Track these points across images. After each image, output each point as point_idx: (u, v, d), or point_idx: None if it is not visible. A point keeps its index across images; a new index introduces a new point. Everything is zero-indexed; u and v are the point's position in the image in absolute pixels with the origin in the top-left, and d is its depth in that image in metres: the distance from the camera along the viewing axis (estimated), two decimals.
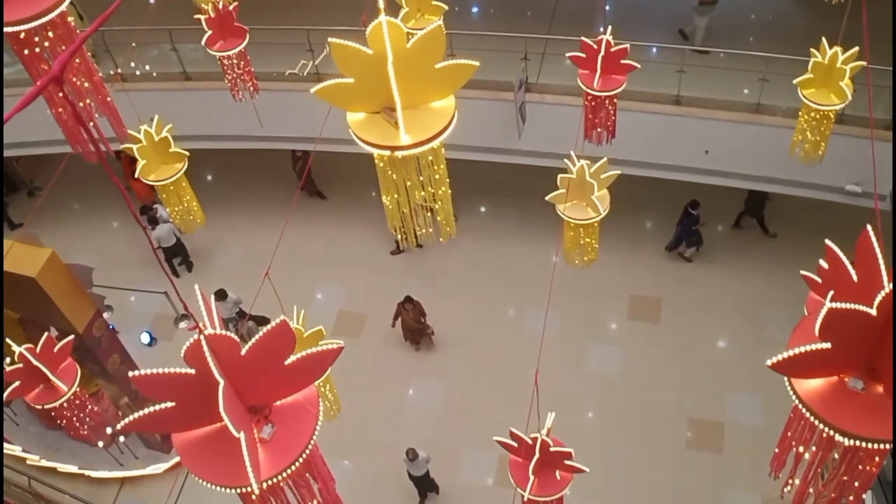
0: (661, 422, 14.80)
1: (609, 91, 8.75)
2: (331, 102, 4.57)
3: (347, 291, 17.44)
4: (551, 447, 6.47)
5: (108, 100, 5.15)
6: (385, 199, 5.36)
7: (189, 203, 9.55)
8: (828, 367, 3.94)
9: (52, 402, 8.37)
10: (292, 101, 13.65)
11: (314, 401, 3.94)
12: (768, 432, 12.65)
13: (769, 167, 14.25)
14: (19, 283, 11.13)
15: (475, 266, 17.40)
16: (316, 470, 4.18)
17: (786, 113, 13.40)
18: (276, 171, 19.20)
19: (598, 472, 13.17)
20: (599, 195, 8.63)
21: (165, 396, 3.65)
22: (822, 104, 9.07)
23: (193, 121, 15.15)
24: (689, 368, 15.48)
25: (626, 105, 10.13)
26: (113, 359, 13.05)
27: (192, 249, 17.97)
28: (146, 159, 8.71)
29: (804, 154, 9.75)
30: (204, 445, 3.83)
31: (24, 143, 16.39)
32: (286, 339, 3.72)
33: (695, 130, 14.32)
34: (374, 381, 15.61)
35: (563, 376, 15.10)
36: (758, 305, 16.07)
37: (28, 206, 19.01)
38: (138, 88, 14.41)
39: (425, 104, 4.60)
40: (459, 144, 14.42)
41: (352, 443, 14.58)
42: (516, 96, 14.21)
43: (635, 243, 17.34)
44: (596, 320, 16.39)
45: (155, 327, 16.61)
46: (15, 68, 16.40)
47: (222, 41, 9.69)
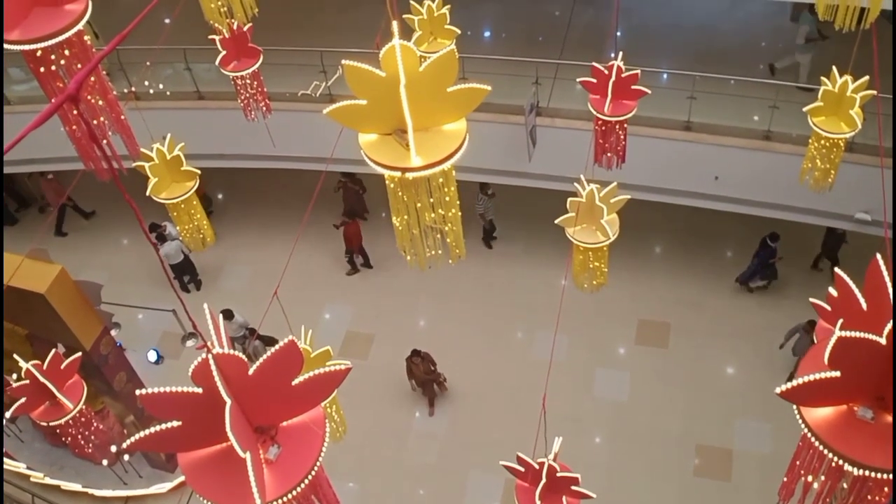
0: (668, 448, 14.70)
1: (619, 116, 8.77)
2: (343, 123, 4.59)
3: (355, 312, 17.43)
4: (558, 472, 6.43)
5: (121, 118, 5.18)
6: (395, 220, 5.37)
7: (199, 221, 9.58)
8: (837, 395, 3.91)
9: (57, 420, 8.37)
10: (304, 121, 13.70)
11: (321, 422, 3.93)
12: (777, 460, 12.57)
13: (779, 194, 14.23)
14: (28, 300, 11.15)
15: (484, 289, 17.39)
16: (321, 492, 4.16)
17: (796, 140, 13.39)
18: (286, 190, 19.27)
19: (605, 498, 13.07)
20: (609, 219, 8.62)
21: (172, 415, 3.64)
22: (832, 132, 9.06)
23: (206, 139, 15.24)
24: (697, 394, 15.39)
25: (636, 130, 10.16)
26: (119, 376, 13.05)
27: (202, 268, 18.02)
28: (158, 177, 8.74)
29: (814, 182, 9.74)
30: (209, 465, 3.81)
31: (36, 160, 16.52)
32: (294, 359, 3.71)
33: (705, 156, 14.32)
34: (381, 402, 15.57)
35: (571, 400, 15.04)
36: (766, 332, 15.98)
37: (38, 223, 19.09)
38: (152, 107, 14.49)
39: (437, 127, 4.62)
40: (470, 167, 14.46)
41: (357, 465, 14.52)
42: (527, 120, 14.25)
43: (645, 268, 17.31)
44: (604, 344, 16.34)
45: (162, 345, 16.62)
46: (30, 85, 16.60)
47: (236, 61, 9.76)
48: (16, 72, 16.25)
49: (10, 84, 16.26)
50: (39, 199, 20.35)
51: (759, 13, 17.17)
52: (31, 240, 11.20)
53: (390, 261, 17.58)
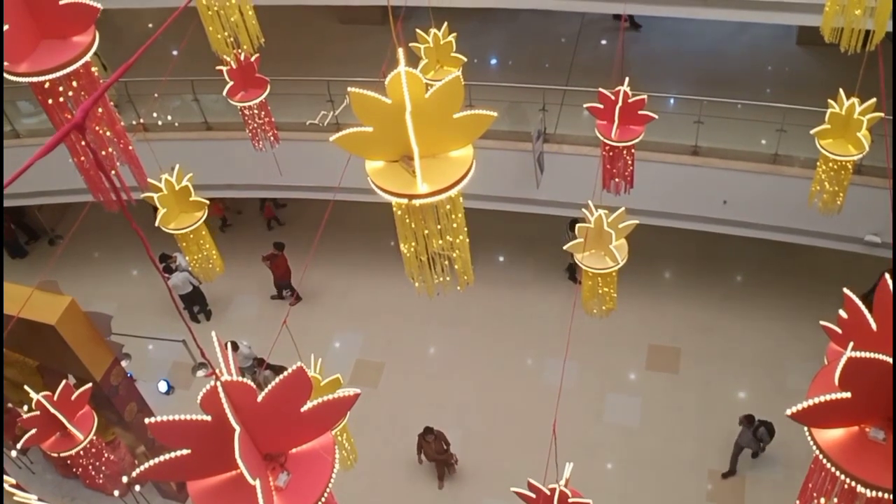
0: (680, 473, 14.58)
1: (627, 141, 8.79)
2: (350, 150, 4.62)
3: (365, 340, 17.42)
4: (570, 498, 6.39)
5: (129, 148, 5.22)
6: (403, 248, 5.38)
7: (208, 251, 9.61)
8: (848, 416, 3.88)
9: (68, 451, 8.36)
10: (312, 150, 13.79)
11: (330, 449, 3.91)
12: (790, 485, 12.45)
13: (788, 217, 14.21)
14: (38, 331, 11.19)
15: (493, 315, 17.36)
16: None
17: (804, 163, 13.39)
18: (295, 219, 19.34)
19: None
20: (617, 244, 8.63)
21: (181, 443, 3.64)
22: (840, 155, 9.06)
23: (214, 170, 15.34)
24: (708, 419, 15.29)
25: (643, 155, 10.20)
26: (130, 407, 13.05)
27: (211, 298, 18.04)
28: (166, 208, 8.79)
29: (823, 204, 9.73)
30: (220, 493, 3.80)
31: (46, 192, 16.63)
32: (302, 386, 3.70)
33: (713, 180, 14.33)
34: (392, 430, 15.50)
35: (582, 426, 14.95)
36: (778, 356, 15.91)
37: (49, 255, 19.19)
38: (160, 138, 14.62)
39: (444, 153, 4.64)
40: (478, 194, 14.49)
41: (369, 492, 14.44)
42: (534, 146, 14.30)
43: (654, 293, 17.27)
44: (615, 370, 16.27)
45: (173, 376, 16.62)
46: (38, 118, 16.73)
47: (243, 92, 9.83)
48: (25, 105, 16.40)
49: (19, 117, 16.41)
50: (49, 231, 20.48)
51: (766, 36, 17.24)
52: (41, 272, 11.23)
53: (399, 288, 17.58)
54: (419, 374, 16.60)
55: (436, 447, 14.37)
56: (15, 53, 4.58)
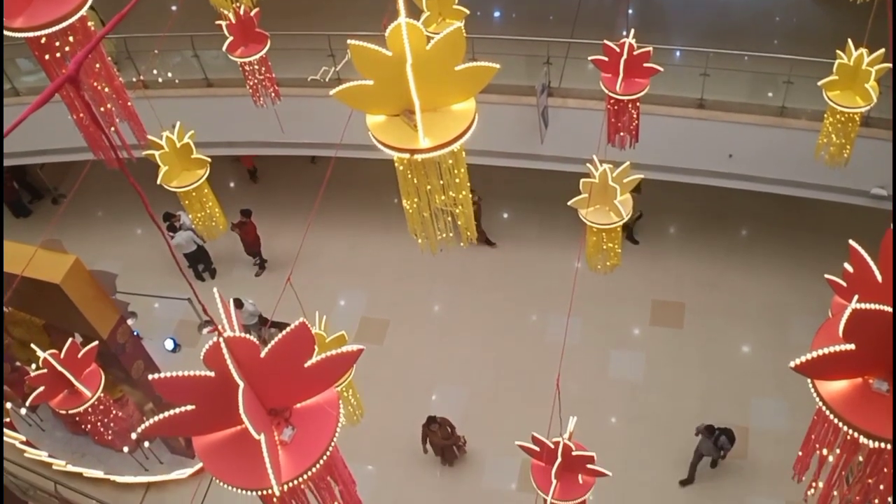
0: (684, 427, 14.64)
1: (632, 95, 8.71)
2: (350, 104, 4.57)
3: (370, 298, 17.45)
4: (573, 451, 6.43)
5: (128, 104, 5.18)
6: (405, 204, 5.35)
7: (211, 209, 9.59)
8: (852, 368, 3.88)
9: (76, 408, 8.43)
10: (313, 106, 13.68)
11: (335, 403, 3.92)
12: (793, 437, 12.53)
13: (794, 171, 14.12)
14: (43, 290, 11.21)
15: (497, 272, 17.37)
16: (337, 472, 4.17)
17: (811, 116, 13.27)
18: (297, 177, 19.28)
19: (621, 477, 13.11)
20: (622, 199, 8.59)
21: (186, 399, 3.65)
22: (848, 106, 8.97)
23: (215, 127, 15.24)
24: (712, 374, 15.35)
25: (649, 109, 10.09)
26: (137, 365, 13.12)
27: (216, 256, 18.07)
28: (168, 165, 8.75)
29: (829, 157, 9.66)
30: (225, 448, 3.82)
31: (48, 151, 16.58)
32: (305, 341, 3.70)
33: (718, 134, 14.22)
34: (397, 386, 15.60)
35: (586, 382, 15.03)
36: (782, 310, 15.92)
37: (52, 214, 19.19)
38: (160, 95, 14.51)
39: (445, 107, 4.59)
40: (481, 150, 14.41)
41: (375, 448, 14.57)
42: (538, 101, 14.17)
43: (659, 248, 17.24)
44: (618, 326, 16.30)
45: (179, 334, 16.69)
46: (37, 76, 16.62)
47: (244, 47, 9.73)
48: (24, 62, 16.28)
49: (18, 75, 16.30)
50: (52, 190, 20.46)
51: None
52: (45, 231, 11.23)
53: (403, 246, 17.56)
54: (424, 332, 16.66)
55: (441, 434, 14.18)
56: (11, 8, 4.53)
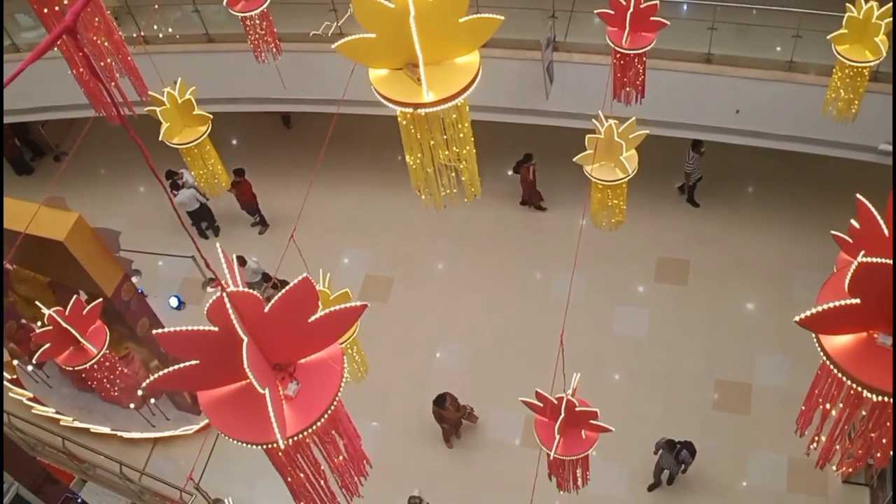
0: (688, 383, 14.75)
1: (638, 49, 8.64)
2: (352, 58, 4.52)
3: (374, 256, 17.46)
4: (577, 407, 6.46)
5: (128, 59, 5.13)
6: (409, 159, 5.31)
7: (214, 166, 9.56)
8: (856, 322, 3.87)
9: (82, 364, 8.48)
10: (315, 62, 13.57)
11: (339, 358, 3.93)
12: (796, 394, 12.59)
13: (801, 126, 14.00)
14: (47, 247, 11.21)
15: (501, 229, 17.34)
16: (341, 426, 4.20)
17: (819, 70, 13.11)
18: (300, 133, 19.18)
19: (625, 433, 13.18)
20: (628, 156, 8.53)
21: (190, 354, 3.66)
22: (857, 60, 8.88)
23: (217, 83, 15.12)
24: (716, 330, 15.38)
25: (655, 63, 10.00)
26: (142, 322, 13.17)
27: (219, 214, 18.05)
28: (170, 122, 8.70)
29: (837, 112, 9.59)
30: (230, 403, 3.84)
31: (49, 108, 16.50)
32: (308, 296, 3.70)
33: (725, 89, 14.07)
34: (401, 343, 15.66)
35: (590, 339, 15.06)
36: (787, 267, 15.89)
37: (54, 171, 19.14)
38: (161, 51, 14.38)
39: (449, 60, 4.54)
40: (485, 105, 14.28)
41: (380, 404, 14.67)
42: (543, 55, 14.02)
43: (664, 205, 17.18)
44: (623, 283, 16.30)
45: (183, 291, 16.71)
46: (38, 32, 16.45)
47: (244, 2, 9.65)
48: (23, 18, 16.12)
49: (18, 31, 16.15)
50: (54, 147, 20.38)
51: None
52: (48, 188, 11.20)
53: (407, 204, 17.53)
54: (428, 289, 16.68)
55: (453, 407, 14.02)
56: None
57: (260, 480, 13.19)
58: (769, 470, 13.68)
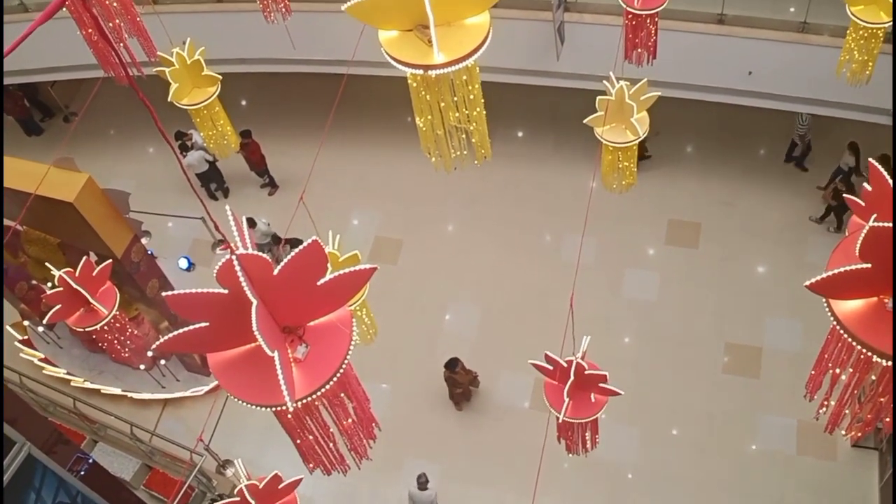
0: (698, 346, 14.77)
1: (650, 9, 8.54)
2: (362, 20, 4.47)
3: (383, 217, 17.44)
4: (586, 370, 6.47)
5: (137, 20, 5.09)
6: (419, 121, 5.28)
7: (223, 128, 9.53)
8: (867, 287, 3.85)
9: (92, 325, 8.52)
10: (325, 22, 13.45)
11: (348, 321, 3.94)
12: (806, 357, 12.62)
13: (815, 88, 13.86)
14: (57, 208, 11.23)
15: (512, 192, 17.29)
16: (350, 389, 4.21)
17: (833, 31, 12.95)
18: (310, 94, 19.07)
19: (634, 396, 13.25)
20: (639, 118, 8.47)
21: (199, 316, 3.67)
22: (871, 21, 8.76)
23: (226, 44, 15.02)
24: (727, 293, 15.36)
25: (667, 24, 9.88)
26: (152, 283, 13.22)
27: (228, 175, 18.04)
28: (179, 83, 8.66)
29: (851, 74, 9.48)
30: (239, 365, 3.86)
31: (58, 68, 16.44)
32: (318, 258, 3.70)
33: (738, 51, 13.91)
34: (411, 306, 15.71)
35: (600, 301, 15.08)
36: (799, 231, 15.84)
37: (64, 132, 19.12)
38: (170, 11, 14.29)
39: (459, 20, 4.49)
40: (496, 67, 14.17)
41: (389, 367, 14.74)
42: (554, 16, 13.87)
43: (675, 167, 17.09)
44: (633, 245, 16.27)
45: (193, 253, 16.76)
46: None
47: None
48: None
49: None
50: (63, 108, 20.35)
51: None
52: (57, 149, 11.20)
53: (417, 165, 17.46)
54: (438, 251, 16.68)
55: (464, 371, 14.03)
56: None
57: (269, 442, 13.31)
58: (779, 433, 13.75)
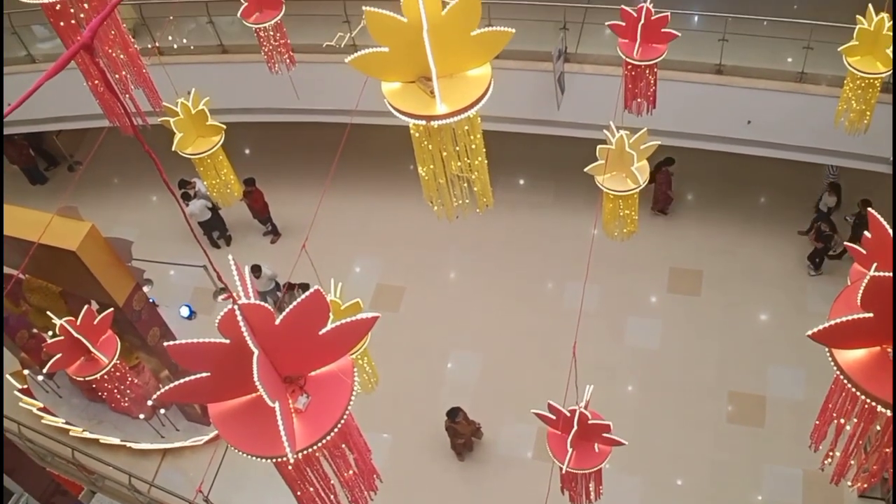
0: (701, 395, 14.66)
1: (649, 60, 8.64)
2: (366, 72, 4.53)
3: (385, 265, 17.45)
4: (590, 420, 6.43)
5: (143, 71, 5.15)
6: (421, 170, 5.32)
7: (226, 176, 9.59)
8: (869, 336, 3.84)
9: (92, 374, 8.49)
10: (329, 73, 13.57)
11: (349, 371, 3.93)
12: (810, 406, 12.54)
13: (814, 137, 13.97)
14: (59, 257, 11.24)
15: (514, 239, 17.32)
16: (352, 440, 4.19)
17: (830, 81, 13.10)
18: (313, 143, 19.21)
19: (638, 446, 13.10)
20: (639, 166, 8.53)
21: (201, 366, 3.66)
22: (868, 72, 8.87)
23: (230, 94, 15.19)
24: (730, 341, 15.30)
25: (666, 75, 9.99)
26: (153, 332, 13.19)
27: (231, 223, 18.10)
28: (183, 132, 8.74)
29: (849, 124, 9.56)
30: (240, 416, 3.84)
31: (64, 118, 16.59)
32: (320, 308, 3.70)
33: (737, 100, 14.06)
34: (413, 354, 15.63)
35: (602, 349, 15.01)
36: (800, 278, 15.82)
37: (68, 181, 19.23)
38: (176, 62, 14.46)
39: (461, 73, 4.55)
40: (497, 116, 14.30)
41: (391, 416, 14.62)
42: (555, 66, 14.04)
43: (675, 215, 17.14)
44: (635, 293, 16.25)
45: (194, 301, 16.75)
46: (53, 43, 16.54)
47: (258, 13, 9.70)
48: (39, 29, 16.25)
49: (34, 42, 16.27)
50: (68, 157, 20.49)
51: None
52: (61, 198, 11.26)
53: (419, 213, 17.51)
54: (440, 299, 16.66)
55: (466, 422, 13.93)
56: None
57: (270, 493, 13.09)
58: (784, 484, 13.58)
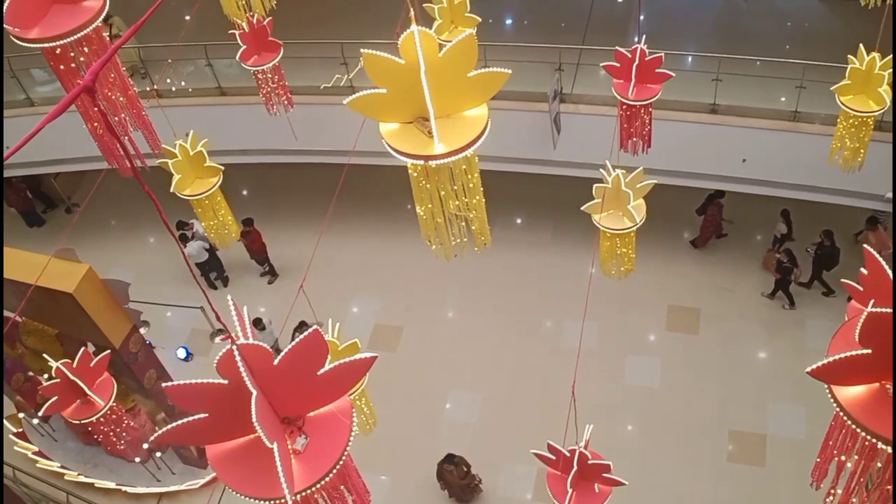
0: (701, 434, 14.59)
1: (644, 100, 8.69)
2: (364, 113, 4.56)
3: (383, 304, 17.44)
4: (590, 460, 6.39)
5: (142, 114, 5.19)
6: (419, 210, 5.33)
7: (224, 217, 9.61)
8: (868, 373, 3.83)
9: (88, 417, 8.43)
10: (326, 114, 13.71)
11: (348, 412, 3.90)
12: (811, 444, 12.45)
13: (808, 175, 14.06)
14: (57, 299, 11.24)
15: (511, 278, 17.33)
16: (350, 482, 4.15)
17: (824, 120, 13.23)
18: (310, 184, 19.28)
19: (638, 486, 12.98)
20: (635, 205, 8.56)
21: (198, 407, 3.63)
22: (861, 110, 8.94)
23: (229, 135, 15.29)
24: (729, 379, 15.26)
25: (661, 114, 10.06)
26: (150, 374, 13.13)
27: (228, 264, 18.10)
28: (181, 174, 8.78)
29: (843, 161, 9.61)
30: (238, 457, 3.81)
31: (62, 160, 16.66)
32: (318, 348, 3.68)
33: (731, 139, 14.17)
34: (411, 394, 15.56)
35: (602, 388, 14.95)
36: (798, 315, 15.82)
37: (65, 223, 19.26)
38: (174, 104, 14.56)
39: (458, 113, 4.58)
40: (494, 156, 14.39)
41: (389, 457, 14.52)
42: (551, 107, 14.17)
43: (673, 254, 17.17)
44: (634, 331, 16.23)
45: (191, 342, 16.70)
46: (53, 86, 16.70)
47: (257, 55, 9.78)
48: (39, 73, 16.38)
49: (33, 85, 16.39)
50: (66, 199, 20.54)
51: None
52: (59, 240, 11.27)
53: (416, 252, 17.53)
54: (438, 338, 16.63)
55: (458, 473, 13.79)
56: (26, 19, 4.55)
57: None
58: None
